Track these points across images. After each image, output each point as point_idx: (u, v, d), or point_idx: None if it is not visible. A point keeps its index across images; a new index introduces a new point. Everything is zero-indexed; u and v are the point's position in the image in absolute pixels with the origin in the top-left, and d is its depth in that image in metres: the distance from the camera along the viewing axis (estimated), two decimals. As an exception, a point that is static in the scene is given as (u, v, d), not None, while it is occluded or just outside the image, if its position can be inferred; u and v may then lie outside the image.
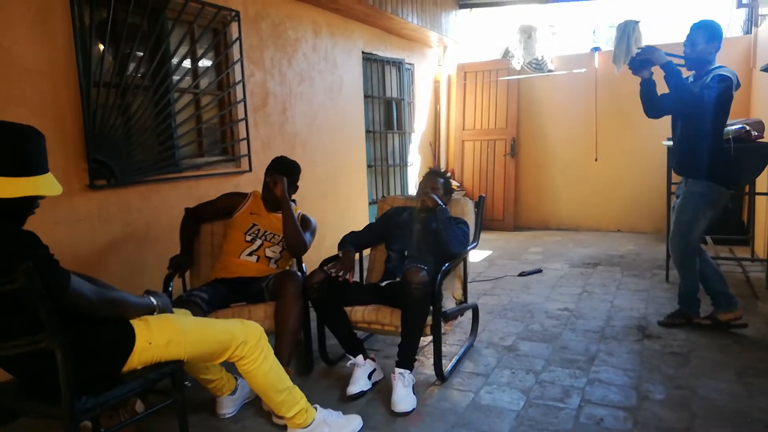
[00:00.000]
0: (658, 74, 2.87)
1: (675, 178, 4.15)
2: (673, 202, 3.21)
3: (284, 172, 2.79)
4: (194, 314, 2.29)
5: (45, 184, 1.56)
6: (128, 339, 1.68)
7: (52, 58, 2.62)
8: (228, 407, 2.34)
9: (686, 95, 2.79)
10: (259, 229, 2.80)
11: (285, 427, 2.09)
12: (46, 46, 2.60)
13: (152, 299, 1.83)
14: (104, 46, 2.87)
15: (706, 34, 2.87)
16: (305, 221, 2.84)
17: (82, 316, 1.61)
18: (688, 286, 3.13)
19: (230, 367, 2.10)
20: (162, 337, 1.73)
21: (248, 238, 2.78)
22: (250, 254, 2.77)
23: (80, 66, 2.69)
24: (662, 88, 2.93)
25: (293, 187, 2.87)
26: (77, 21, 2.67)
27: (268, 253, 2.80)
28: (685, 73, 2.90)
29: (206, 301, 2.52)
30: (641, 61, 2.88)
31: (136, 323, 1.72)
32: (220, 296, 2.63)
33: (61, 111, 2.66)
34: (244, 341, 1.92)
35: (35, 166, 1.54)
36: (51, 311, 1.46)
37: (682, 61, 2.94)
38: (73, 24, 2.66)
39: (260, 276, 2.73)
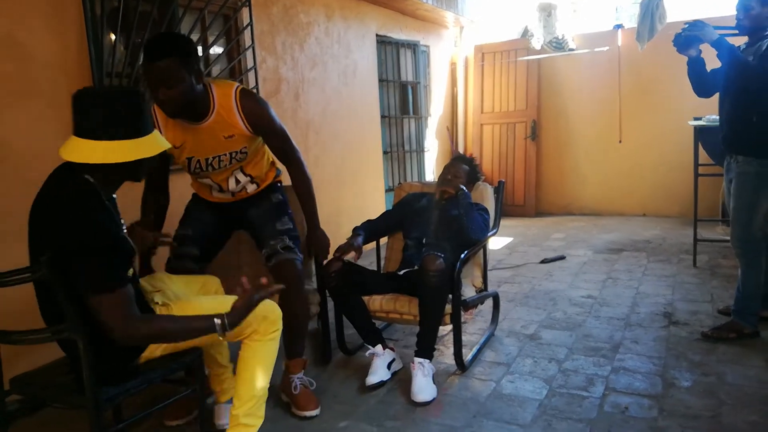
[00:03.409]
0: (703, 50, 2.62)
1: (703, 159, 4.04)
2: (722, 185, 2.88)
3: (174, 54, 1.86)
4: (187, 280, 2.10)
5: (158, 142, 1.60)
6: None
7: (65, 49, 2.61)
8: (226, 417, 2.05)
9: (744, 70, 2.52)
10: (199, 162, 2.13)
11: (269, 418, 1.96)
12: (60, 38, 2.58)
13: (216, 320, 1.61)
14: (116, 35, 2.84)
15: None
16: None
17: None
18: (751, 286, 2.71)
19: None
20: None
21: (200, 179, 2.22)
22: (221, 191, 2.29)
23: (92, 56, 2.67)
24: (712, 62, 2.66)
25: (193, 69, 1.93)
26: (89, 11, 2.64)
27: (233, 185, 2.24)
28: (737, 41, 2.63)
29: (198, 258, 2.26)
30: (687, 38, 2.62)
31: (155, 309, 1.72)
32: (210, 236, 2.32)
33: (74, 102, 2.66)
34: (264, 317, 1.82)
35: (148, 125, 1.58)
36: (72, 301, 1.46)
37: (732, 32, 2.67)
38: (85, 14, 2.64)
39: (252, 197, 2.34)
